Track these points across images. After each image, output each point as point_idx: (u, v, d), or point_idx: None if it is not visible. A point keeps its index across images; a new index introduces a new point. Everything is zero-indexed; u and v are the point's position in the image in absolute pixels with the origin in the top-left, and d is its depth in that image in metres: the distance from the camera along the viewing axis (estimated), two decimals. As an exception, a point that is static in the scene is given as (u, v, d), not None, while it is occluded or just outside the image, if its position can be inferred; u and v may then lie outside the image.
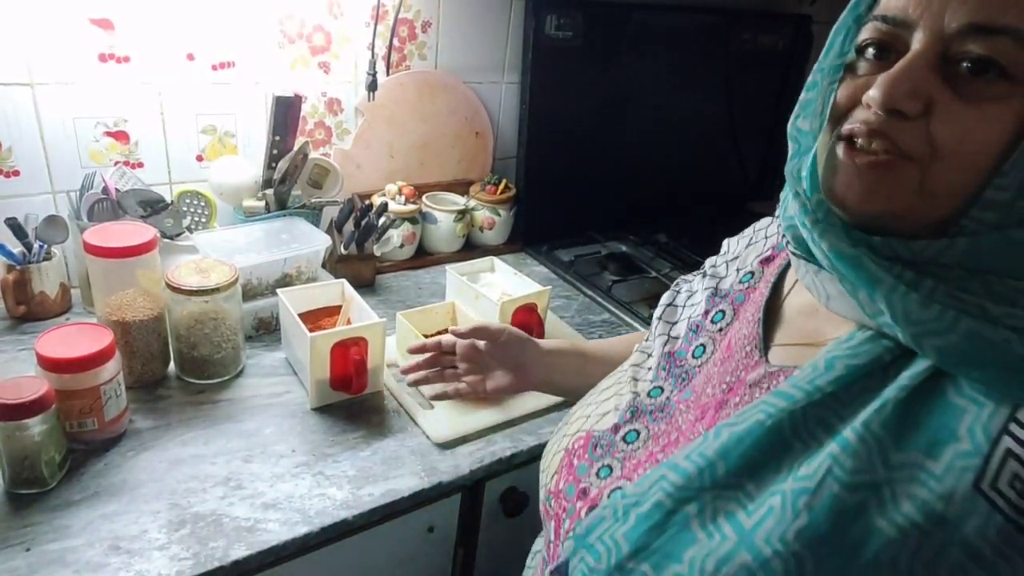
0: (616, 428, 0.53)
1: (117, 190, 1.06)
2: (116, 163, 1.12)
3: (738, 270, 0.60)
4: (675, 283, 0.67)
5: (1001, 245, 0.37)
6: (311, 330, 0.88)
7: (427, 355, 0.83)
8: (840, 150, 0.41)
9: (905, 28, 0.39)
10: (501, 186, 1.42)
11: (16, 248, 1.01)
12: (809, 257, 0.45)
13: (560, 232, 1.52)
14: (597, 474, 0.51)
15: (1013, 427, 0.36)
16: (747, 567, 0.38)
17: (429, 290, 1.26)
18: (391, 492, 0.78)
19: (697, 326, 0.58)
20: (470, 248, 1.44)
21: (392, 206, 1.28)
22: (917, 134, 0.38)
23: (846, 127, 0.41)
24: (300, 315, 0.92)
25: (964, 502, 0.36)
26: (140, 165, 1.14)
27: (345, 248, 1.21)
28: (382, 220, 1.24)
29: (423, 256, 1.38)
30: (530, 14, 1.37)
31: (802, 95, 0.45)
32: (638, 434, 0.52)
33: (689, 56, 1.65)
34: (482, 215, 1.42)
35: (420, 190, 1.37)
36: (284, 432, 0.86)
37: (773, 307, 0.53)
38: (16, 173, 1.05)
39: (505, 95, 1.48)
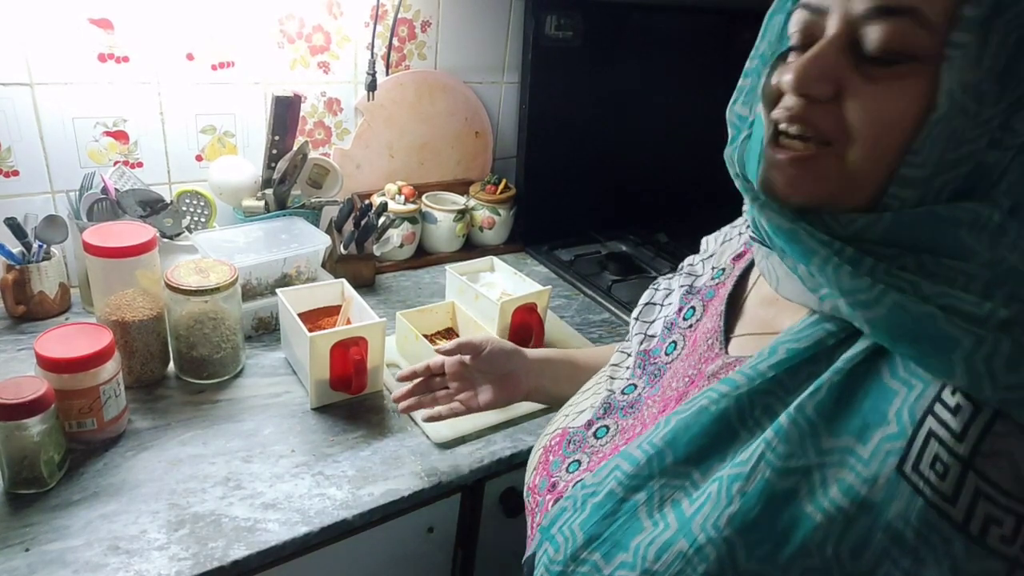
0: (589, 424, 0.55)
1: (116, 190, 1.06)
2: (115, 163, 1.11)
3: (713, 268, 0.60)
4: (654, 283, 0.67)
5: (930, 222, 0.37)
6: (311, 330, 0.88)
7: (417, 380, 0.80)
8: (767, 144, 0.43)
9: (821, 14, 0.40)
10: (501, 186, 1.42)
11: (16, 248, 1.01)
12: (763, 240, 0.46)
13: (560, 232, 1.52)
14: (567, 468, 0.52)
15: (937, 407, 0.36)
16: (683, 554, 0.39)
17: (429, 290, 1.26)
18: (391, 492, 0.78)
19: (671, 324, 0.59)
20: (470, 248, 1.44)
21: (392, 206, 1.28)
22: (831, 118, 0.39)
23: (773, 114, 0.42)
24: (300, 315, 0.92)
25: (888, 486, 0.36)
26: (139, 165, 1.14)
27: (345, 248, 1.21)
28: (382, 220, 1.24)
29: (423, 256, 1.38)
30: (530, 14, 1.37)
31: (740, 81, 0.47)
32: (608, 429, 0.53)
33: (689, 56, 1.64)
34: (482, 215, 1.42)
35: (420, 190, 1.37)
36: (284, 432, 0.86)
37: (737, 300, 0.54)
38: (16, 173, 1.05)
39: (505, 95, 1.48)
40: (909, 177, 0.37)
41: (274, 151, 1.17)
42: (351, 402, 0.92)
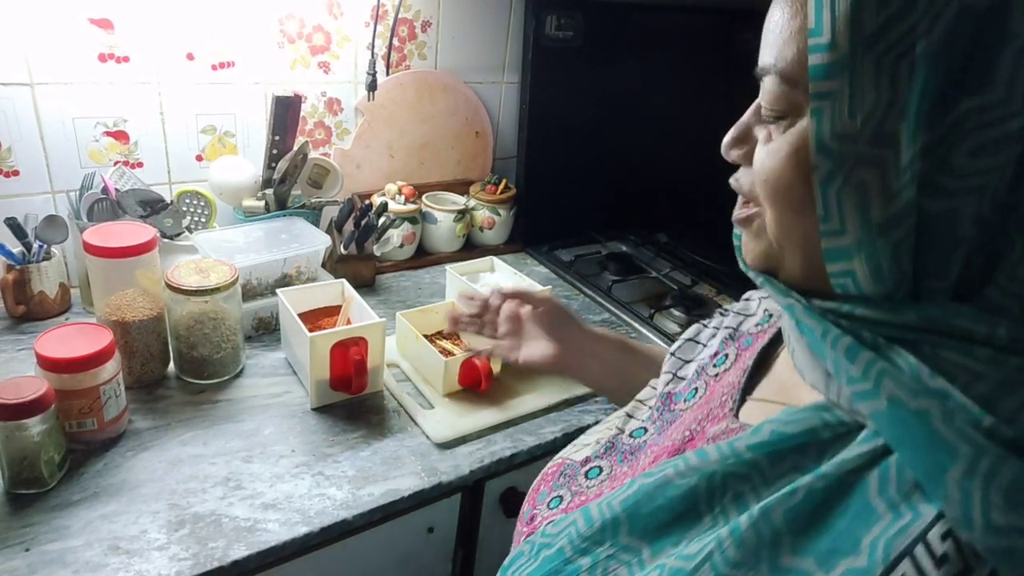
0: (586, 461, 0.51)
1: (117, 190, 1.06)
2: (116, 163, 1.11)
3: (765, 310, 0.55)
4: (706, 319, 0.62)
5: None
6: (311, 330, 0.88)
7: (476, 305, 0.82)
8: None
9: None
10: (501, 186, 1.42)
11: (16, 248, 1.01)
12: None
13: (560, 232, 1.52)
14: (549, 504, 0.50)
15: (919, 550, 0.29)
16: None
17: (429, 290, 1.26)
18: (391, 492, 0.78)
19: (702, 368, 0.54)
20: (470, 248, 1.44)
21: (392, 206, 1.28)
22: (749, 179, 0.38)
23: None
24: (300, 315, 0.92)
25: None
26: (140, 165, 1.14)
27: (345, 248, 1.21)
28: (382, 220, 1.24)
29: (423, 256, 1.38)
30: (530, 14, 1.37)
31: None
32: (600, 471, 0.50)
33: (689, 56, 1.64)
34: (482, 215, 1.42)
35: (420, 190, 1.37)
36: (284, 432, 0.86)
37: (770, 354, 0.48)
38: (16, 173, 1.05)
39: (505, 95, 1.48)
40: (832, 248, 0.32)
41: (274, 151, 1.17)
42: (351, 402, 0.92)
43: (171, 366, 0.95)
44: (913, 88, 0.28)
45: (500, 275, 1.17)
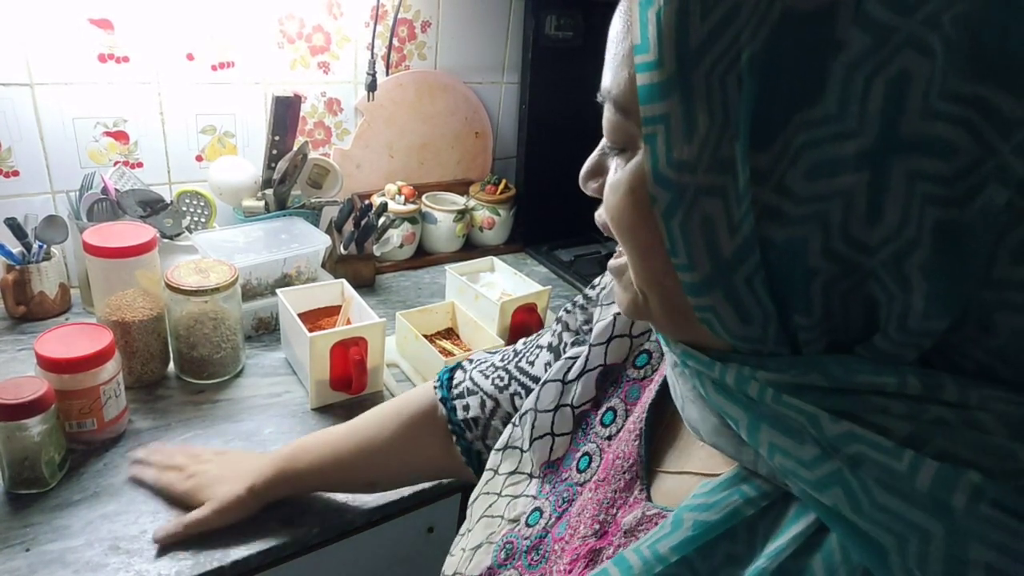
0: (490, 574, 0.43)
1: (116, 190, 1.06)
2: (115, 163, 1.12)
3: (630, 338, 0.47)
4: (559, 315, 0.56)
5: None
6: (311, 330, 0.88)
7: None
8: None
9: None
10: (501, 186, 1.42)
11: (16, 248, 1.01)
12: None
13: (560, 232, 1.52)
14: None
15: None
16: None
17: (429, 290, 1.26)
18: (391, 492, 0.78)
19: (585, 421, 0.46)
20: (470, 248, 1.44)
21: (392, 206, 1.28)
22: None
23: None
24: (300, 315, 0.92)
25: None
26: (139, 165, 1.14)
27: (345, 248, 1.21)
28: (382, 220, 1.24)
29: (423, 256, 1.38)
30: (530, 14, 1.37)
31: None
32: None
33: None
34: (482, 215, 1.42)
35: (420, 190, 1.37)
36: (284, 432, 0.86)
37: (665, 410, 0.41)
38: (16, 173, 1.05)
39: (505, 95, 1.48)
40: (687, 283, 0.29)
41: (274, 151, 1.17)
42: (351, 402, 0.92)
43: (171, 366, 0.95)
44: (742, 104, 0.25)
45: (500, 275, 1.17)
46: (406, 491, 0.79)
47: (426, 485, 0.80)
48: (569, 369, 0.48)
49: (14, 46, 0.99)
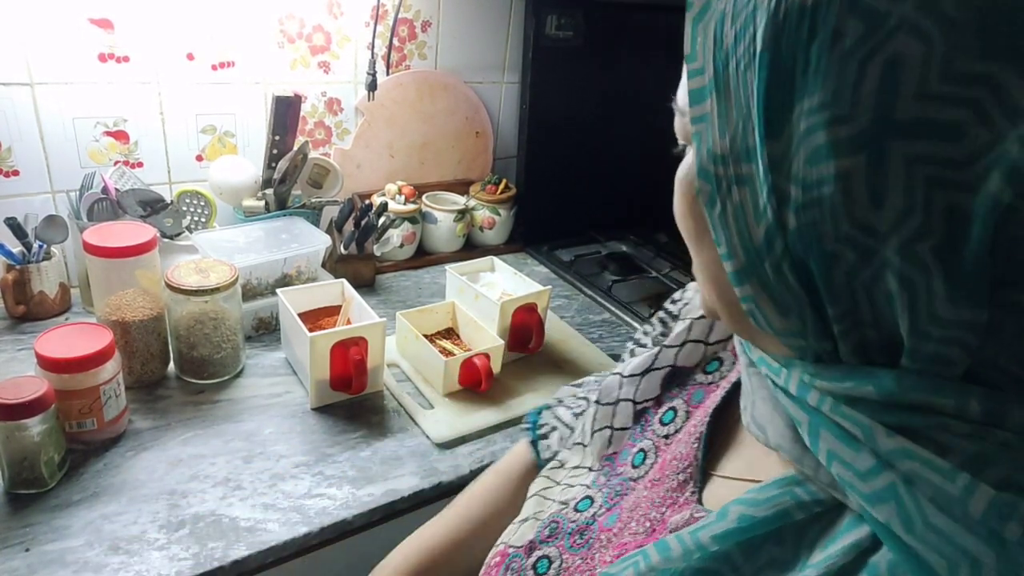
0: (530, 548, 0.44)
1: (117, 190, 1.06)
2: (116, 163, 1.11)
3: (704, 345, 0.48)
4: (637, 334, 0.56)
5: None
6: (311, 330, 0.88)
7: None
8: None
9: None
10: (501, 186, 1.42)
11: (16, 248, 1.01)
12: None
13: (560, 232, 1.52)
14: None
15: None
16: None
17: (429, 290, 1.26)
18: (391, 492, 0.78)
19: (646, 422, 0.46)
20: (470, 248, 1.43)
21: (392, 206, 1.28)
22: None
23: None
24: (300, 315, 0.92)
25: None
26: (140, 165, 1.14)
27: (345, 248, 1.21)
28: (382, 220, 1.24)
29: (423, 256, 1.38)
30: (530, 14, 1.37)
31: None
32: (549, 563, 0.43)
33: (689, 56, 1.64)
34: (482, 215, 1.42)
35: (420, 190, 1.37)
36: (284, 432, 0.86)
37: (729, 415, 0.42)
38: (16, 173, 1.05)
39: (505, 95, 1.48)
40: (731, 272, 0.30)
41: (274, 151, 1.17)
42: (351, 402, 0.92)
43: (171, 366, 0.95)
44: (757, 97, 0.27)
45: (500, 275, 1.17)
46: (406, 491, 0.79)
47: (426, 485, 0.80)
48: (635, 365, 0.49)
49: (14, 46, 0.99)
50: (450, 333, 1.07)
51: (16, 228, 0.99)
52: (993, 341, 0.25)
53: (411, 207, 1.31)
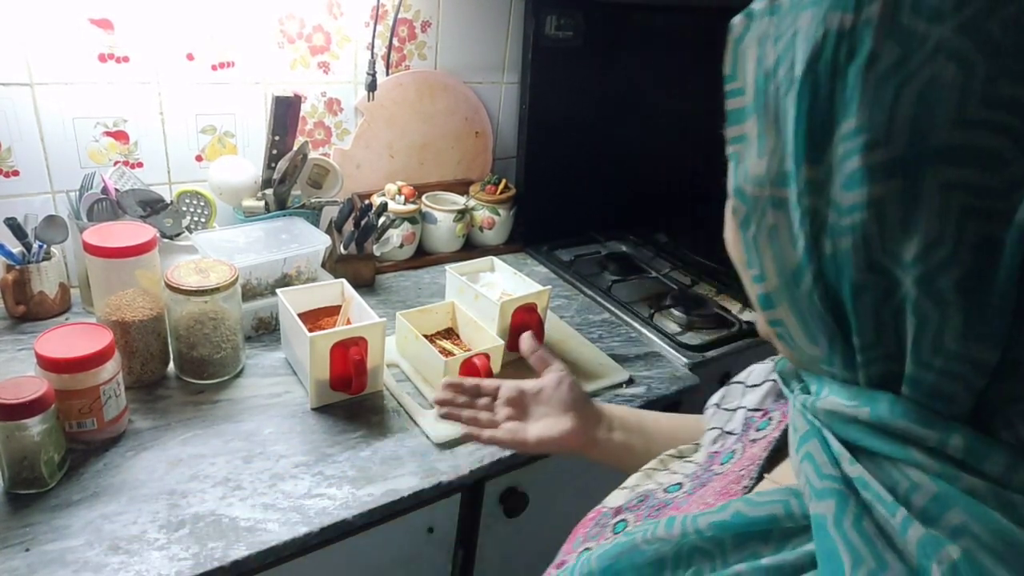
0: (618, 511, 0.48)
1: (117, 190, 1.06)
2: (115, 163, 1.11)
3: None
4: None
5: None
6: (311, 330, 0.88)
7: (468, 389, 0.72)
8: None
9: None
10: (501, 186, 1.42)
11: (15, 248, 1.01)
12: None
13: (560, 232, 1.52)
14: (579, 554, 0.47)
15: None
16: None
17: (429, 290, 1.26)
18: (391, 492, 0.78)
19: (748, 425, 0.49)
20: (470, 248, 1.44)
21: (392, 206, 1.28)
22: None
23: None
24: (300, 315, 0.92)
25: None
26: (140, 165, 1.14)
27: (345, 248, 1.21)
28: (382, 220, 1.24)
29: (423, 256, 1.38)
30: (530, 14, 1.37)
31: None
32: (626, 525, 0.46)
33: (689, 56, 1.64)
34: (482, 215, 1.42)
35: (420, 190, 1.37)
36: (284, 432, 0.86)
37: None
38: (16, 173, 1.05)
39: (505, 95, 1.48)
40: (761, 294, 0.31)
41: (274, 151, 1.17)
42: (351, 402, 0.92)
43: (171, 366, 0.95)
44: (797, 121, 0.27)
45: (500, 275, 1.17)
46: (406, 491, 0.79)
47: (426, 485, 0.80)
48: (757, 374, 0.52)
49: (14, 46, 0.99)
50: (450, 333, 1.07)
51: (16, 228, 0.99)
52: (1008, 383, 0.25)
53: (411, 207, 1.31)
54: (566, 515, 1.05)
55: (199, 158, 1.19)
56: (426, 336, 1.00)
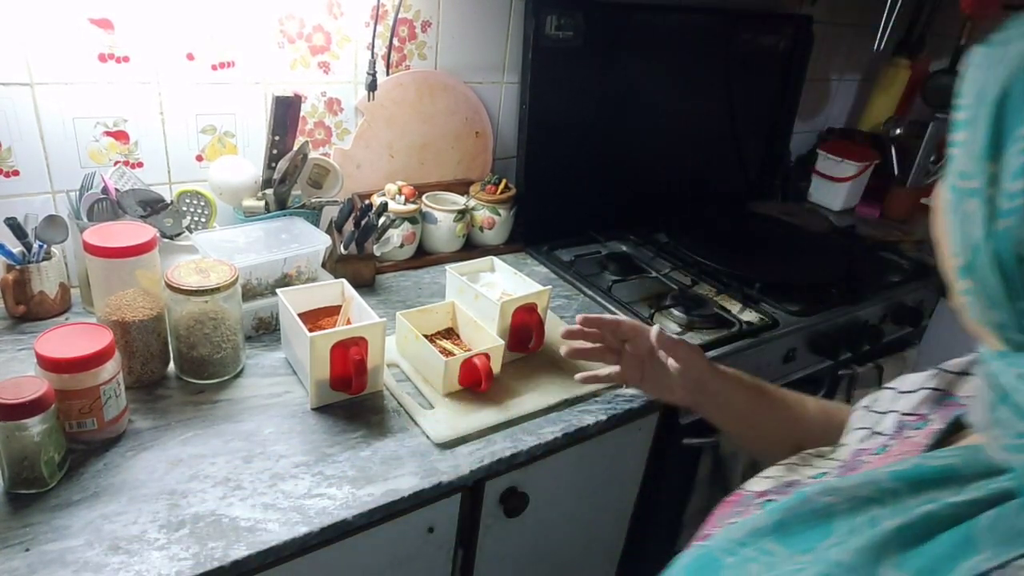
0: (763, 493, 0.51)
1: (117, 190, 1.06)
2: (116, 163, 1.11)
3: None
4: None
5: None
6: (311, 330, 0.88)
7: (604, 324, 0.82)
8: None
9: None
10: (501, 186, 1.42)
11: (16, 248, 1.01)
12: None
13: (560, 232, 1.52)
14: (727, 527, 0.50)
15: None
16: None
17: (429, 290, 1.26)
18: (391, 492, 0.78)
19: (901, 427, 0.52)
20: (470, 248, 1.44)
21: (392, 206, 1.28)
22: None
23: None
24: (300, 315, 0.92)
25: None
26: (140, 165, 1.14)
27: (345, 248, 1.21)
28: (382, 220, 1.24)
29: (423, 256, 1.38)
30: (530, 14, 1.37)
31: None
32: (772, 503, 0.49)
33: (689, 56, 1.64)
34: (482, 215, 1.42)
35: (420, 190, 1.37)
36: (284, 432, 0.86)
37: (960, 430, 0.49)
38: (16, 173, 1.05)
39: (505, 95, 1.48)
40: (955, 266, 0.38)
41: (274, 151, 1.17)
42: (351, 402, 0.92)
43: (171, 366, 0.95)
44: (987, 125, 0.35)
45: (500, 275, 1.17)
46: (406, 491, 0.79)
47: (426, 485, 0.80)
48: (911, 382, 0.55)
49: (14, 46, 0.99)
50: (450, 333, 1.07)
51: (16, 228, 0.99)
52: None
53: (411, 207, 1.31)
54: (566, 515, 1.07)
55: (199, 158, 1.19)
56: (426, 336, 1.00)
